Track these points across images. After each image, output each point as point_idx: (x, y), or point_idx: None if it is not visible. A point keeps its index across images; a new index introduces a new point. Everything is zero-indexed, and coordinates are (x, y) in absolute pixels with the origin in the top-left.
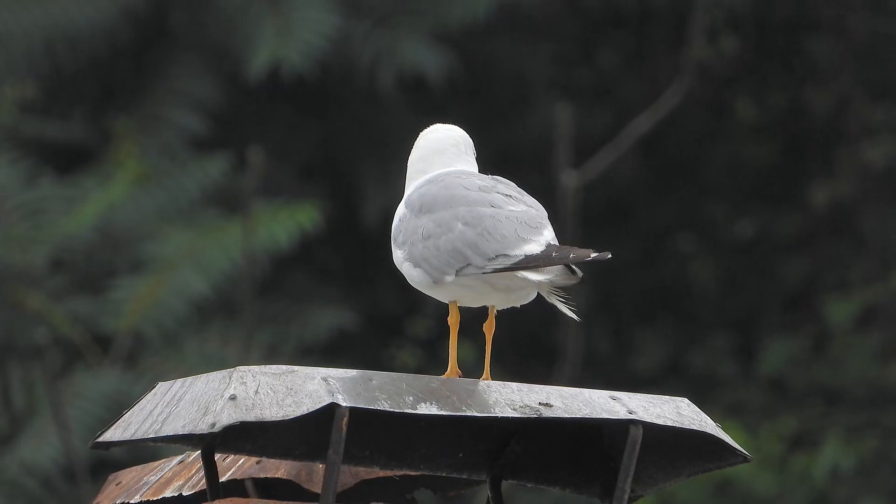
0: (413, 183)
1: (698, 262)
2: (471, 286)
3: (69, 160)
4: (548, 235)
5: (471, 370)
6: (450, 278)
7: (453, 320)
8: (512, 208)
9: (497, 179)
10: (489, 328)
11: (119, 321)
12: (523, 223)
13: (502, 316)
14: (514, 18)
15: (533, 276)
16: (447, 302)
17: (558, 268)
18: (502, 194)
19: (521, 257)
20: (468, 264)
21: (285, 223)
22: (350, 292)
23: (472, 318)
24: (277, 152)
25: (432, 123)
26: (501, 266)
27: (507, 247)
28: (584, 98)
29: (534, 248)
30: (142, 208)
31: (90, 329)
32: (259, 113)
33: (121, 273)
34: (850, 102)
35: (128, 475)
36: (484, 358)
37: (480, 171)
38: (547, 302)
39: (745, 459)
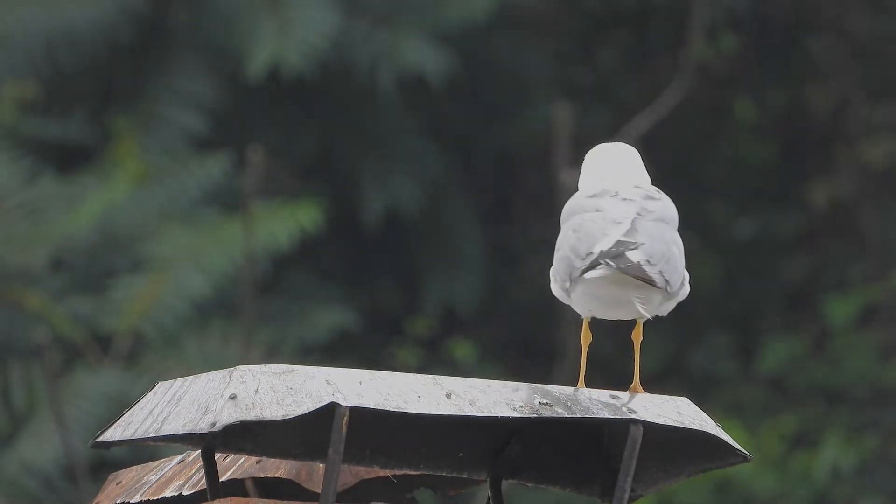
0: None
1: (698, 262)
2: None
3: (69, 159)
4: (622, 229)
5: (470, 370)
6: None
7: (584, 339)
8: (612, 207)
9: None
10: (636, 337)
11: (119, 321)
12: (611, 221)
13: (502, 315)
14: (514, 18)
15: (593, 274)
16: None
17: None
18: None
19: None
20: (574, 268)
21: (285, 222)
22: (350, 292)
23: (473, 318)
24: (277, 152)
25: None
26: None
27: (593, 244)
28: (584, 98)
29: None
30: (142, 207)
31: (90, 329)
32: (259, 112)
33: (121, 272)
34: (850, 102)
35: (128, 475)
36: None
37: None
38: (547, 301)
39: (745, 459)
